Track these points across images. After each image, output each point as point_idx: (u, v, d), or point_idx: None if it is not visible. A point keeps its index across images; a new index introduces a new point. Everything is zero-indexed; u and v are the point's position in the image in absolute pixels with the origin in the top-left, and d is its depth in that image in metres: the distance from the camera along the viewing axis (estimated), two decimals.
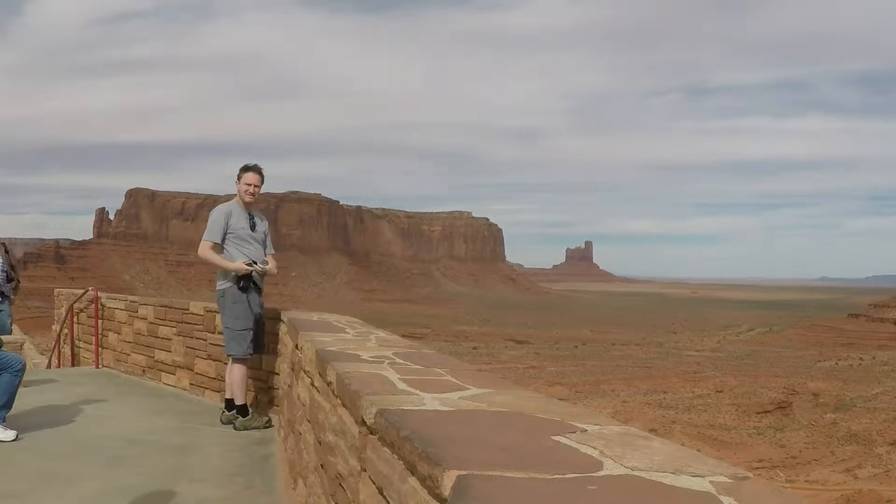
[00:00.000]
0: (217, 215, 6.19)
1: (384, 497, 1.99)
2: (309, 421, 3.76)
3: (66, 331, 10.47)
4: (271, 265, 6.36)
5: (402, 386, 2.66)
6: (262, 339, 6.42)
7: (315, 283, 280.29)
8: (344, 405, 2.70)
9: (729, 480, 1.64)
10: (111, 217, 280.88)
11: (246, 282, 6.14)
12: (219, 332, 6.86)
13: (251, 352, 6.23)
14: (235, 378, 6.18)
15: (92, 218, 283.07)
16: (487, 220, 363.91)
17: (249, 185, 6.22)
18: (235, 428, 6.14)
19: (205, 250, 6.14)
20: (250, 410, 6.28)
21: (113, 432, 5.83)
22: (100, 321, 9.77)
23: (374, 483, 2.11)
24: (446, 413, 2.23)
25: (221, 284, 6.17)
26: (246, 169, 6.28)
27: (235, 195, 6.32)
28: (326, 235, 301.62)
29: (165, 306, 8.55)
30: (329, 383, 3.09)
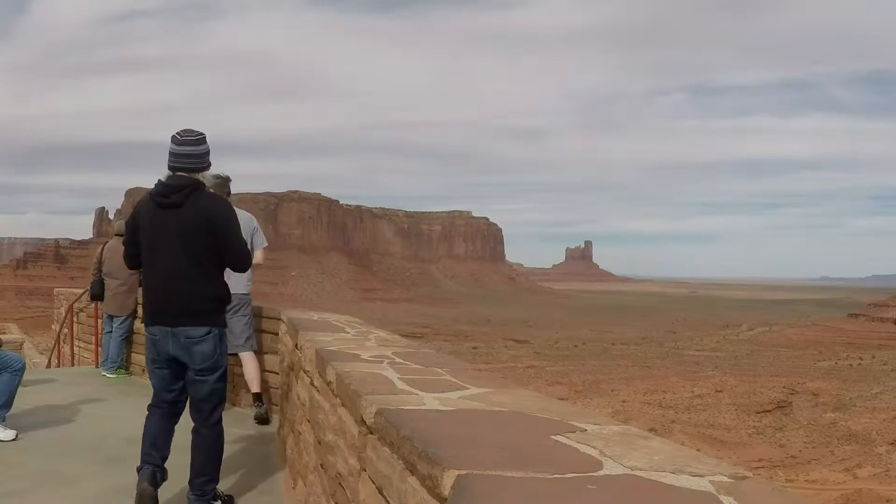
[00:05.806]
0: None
1: (384, 497, 1.99)
2: (308, 420, 3.76)
3: (65, 330, 10.47)
4: None
5: (401, 385, 2.66)
6: None
7: (315, 282, 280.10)
8: (343, 405, 2.70)
9: (729, 480, 1.64)
10: (111, 216, 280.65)
11: None
12: None
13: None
14: (257, 368, 6.40)
15: (92, 217, 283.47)
16: (487, 219, 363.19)
17: None
18: (264, 420, 6.26)
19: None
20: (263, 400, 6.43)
21: (113, 432, 5.82)
22: (100, 321, 9.76)
23: (373, 482, 2.11)
24: (446, 413, 2.23)
25: (247, 288, 6.31)
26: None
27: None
28: (326, 235, 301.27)
29: None
30: (329, 383, 3.09)
